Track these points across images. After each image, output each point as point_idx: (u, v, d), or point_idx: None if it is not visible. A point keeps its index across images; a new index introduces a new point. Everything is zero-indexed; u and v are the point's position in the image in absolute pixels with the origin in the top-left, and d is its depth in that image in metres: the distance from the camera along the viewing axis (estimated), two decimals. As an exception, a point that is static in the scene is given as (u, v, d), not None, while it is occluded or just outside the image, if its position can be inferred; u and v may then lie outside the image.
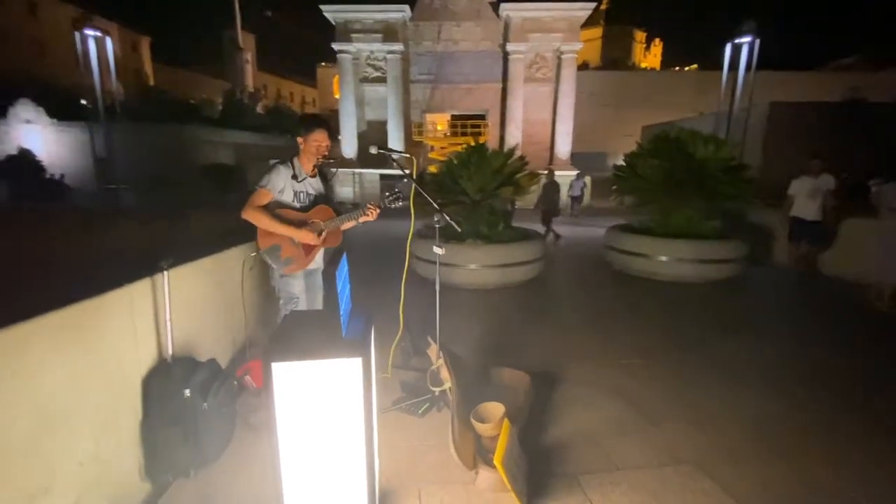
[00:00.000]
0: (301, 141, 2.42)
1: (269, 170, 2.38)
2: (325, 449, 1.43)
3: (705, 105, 29.13)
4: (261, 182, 2.36)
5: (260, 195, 2.34)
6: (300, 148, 2.44)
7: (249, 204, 2.33)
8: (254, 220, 2.33)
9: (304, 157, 2.45)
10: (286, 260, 2.42)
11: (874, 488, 1.95)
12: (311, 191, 2.50)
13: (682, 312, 4.66)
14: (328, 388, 1.39)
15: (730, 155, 5.97)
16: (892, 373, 3.13)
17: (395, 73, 20.72)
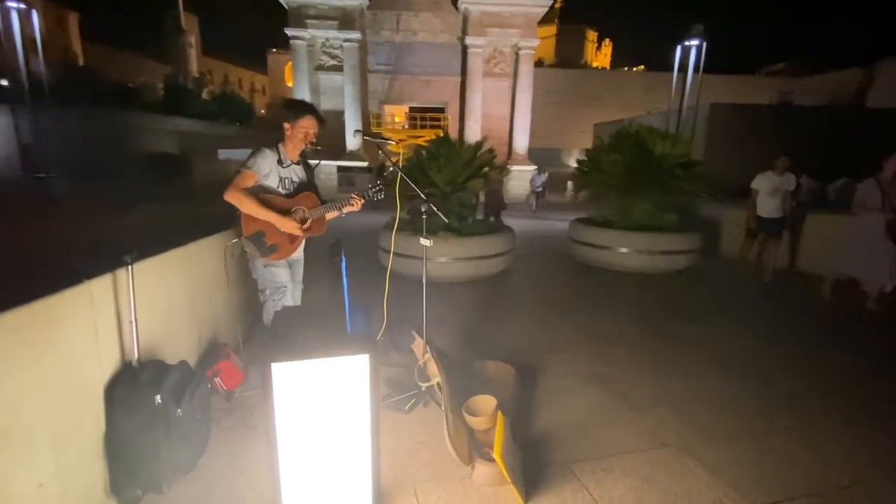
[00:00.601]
0: (288, 127, 2.31)
1: (255, 152, 2.27)
2: (329, 449, 1.35)
3: (652, 104, 30.61)
4: (246, 163, 2.24)
5: (245, 177, 2.23)
6: (286, 134, 2.34)
7: (234, 185, 2.20)
8: (238, 202, 2.21)
9: (291, 143, 2.35)
10: (271, 247, 2.31)
11: (836, 461, 2.10)
12: (296, 178, 2.41)
13: (647, 302, 4.85)
14: (334, 387, 1.30)
15: (685, 151, 6.26)
16: (846, 358, 3.40)
17: (352, 62, 20.18)
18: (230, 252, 2.52)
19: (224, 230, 3.25)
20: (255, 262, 2.40)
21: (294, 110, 2.32)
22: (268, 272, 2.39)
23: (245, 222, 2.27)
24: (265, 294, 2.44)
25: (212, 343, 2.94)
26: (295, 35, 19.74)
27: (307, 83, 20.23)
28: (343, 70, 20.16)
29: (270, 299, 2.42)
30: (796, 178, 5.76)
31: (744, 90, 29.79)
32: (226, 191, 2.21)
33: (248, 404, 2.54)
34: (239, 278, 3.67)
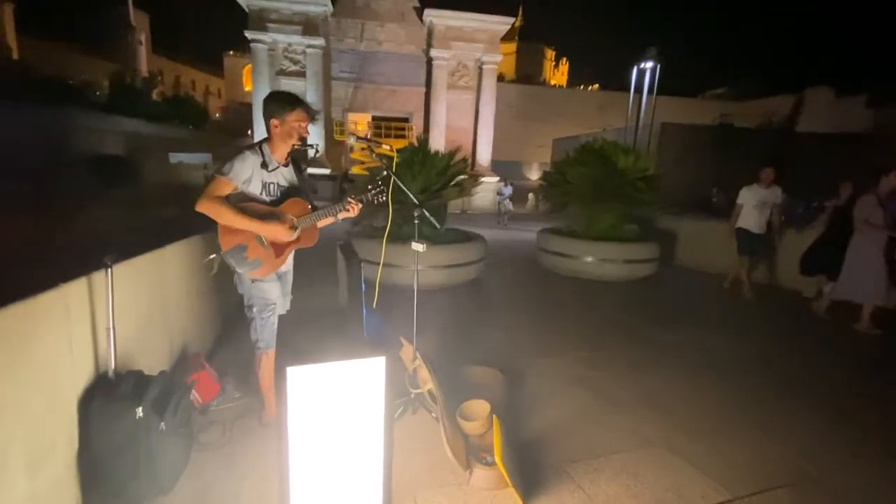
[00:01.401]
0: (277, 123, 2.03)
1: (236, 156, 1.99)
2: (340, 453, 1.30)
3: (607, 121, 32.07)
4: (222, 169, 1.96)
5: (219, 184, 1.95)
6: (272, 132, 2.07)
7: (206, 194, 1.93)
8: (212, 213, 1.93)
9: (278, 142, 2.08)
10: (253, 262, 2.05)
11: (806, 453, 2.26)
12: (284, 182, 2.15)
13: (616, 308, 5.04)
14: (349, 390, 1.26)
15: (646, 165, 6.60)
16: (816, 358, 3.67)
17: (316, 68, 19.90)
18: (211, 269, 2.23)
19: (190, 235, 3.11)
20: (242, 277, 2.13)
21: (282, 103, 2.04)
22: (256, 288, 2.13)
23: (223, 235, 2.00)
24: (252, 311, 2.17)
25: (183, 353, 2.77)
26: (255, 38, 19.25)
27: (268, 88, 19.68)
28: (306, 76, 19.82)
29: (259, 317, 2.15)
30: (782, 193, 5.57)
31: (688, 111, 31.76)
32: (198, 200, 1.92)
33: (225, 417, 2.41)
34: (208, 286, 3.50)
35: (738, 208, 5.57)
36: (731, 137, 22.02)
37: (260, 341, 2.18)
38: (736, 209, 5.61)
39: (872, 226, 4.27)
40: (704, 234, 7.92)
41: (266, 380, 2.23)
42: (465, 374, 2.79)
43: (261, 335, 2.17)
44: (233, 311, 4.28)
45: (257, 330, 2.17)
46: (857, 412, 2.71)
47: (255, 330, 2.17)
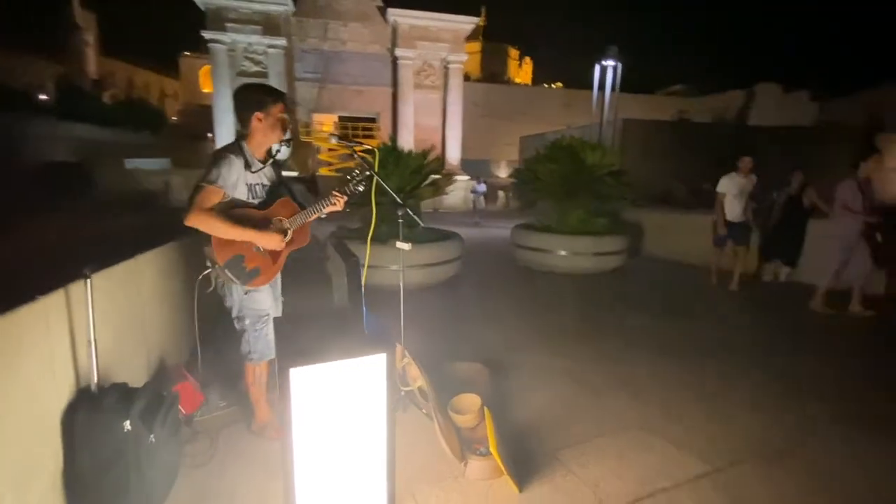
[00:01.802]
0: (260, 118, 1.92)
1: (218, 160, 1.87)
2: (343, 451, 1.32)
3: (571, 118, 32.80)
4: (209, 177, 1.83)
5: (208, 194, 1.82)
6: (254, 126, 1.94)
7: (197, 206, 1.80)
8: (205, 226, 1.82)
9: (260, 138, 1.97)
10: (252, 271, 1.96)
11: (778, 428, 2.42)
12: (266, 181, 2.07)
13: (589, 299, 5.21)
14: (350, 388, 1.28)
15: (613, 161, 6.82)
16: (777, 339, 3.91)
17: (278, 69, 19.47)
18: (201, 287, 2.12)
19: (157, 242, 3.02)
20: (231, 287, 2.04)
21: (265, 94, 1.94)
22: (248, 299, 2.05)
23: (217, 247, 1.88)
24: (244, 323, 2.07)
25: (161, 364, 2.69)
26: (213, 39, 18.64)
27: (229, 90, 19.09)
28: (268, 77, 19.33)
29: (251, 329, 2.07)
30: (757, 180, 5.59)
31: (648, 108, 32.89)
32: (187, 214, 1.80)
33: (211, 427, 2.36)
34: (183, 294, 3.41)
35: (721, 198, 5.47)
36: (688, 132, 22.97)
37: (253, 353, 2.12)
38: (718, 199, 5.51)
39: (851, 211, 4.28)
40: (669, 225, 8.28)
41: (258, 389, 2.20)
42: (450, 370, 2.84)
43: (254, 347, 2.11)
44: (210, 317, 4.18)
45: (250, 342, 2.10)
46: (814, 387, 2.92)
47: (248, 342, 2.10)
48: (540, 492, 1.89)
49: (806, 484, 1.95)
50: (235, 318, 2.11)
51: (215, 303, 2.29)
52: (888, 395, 2.83)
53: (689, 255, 7.40)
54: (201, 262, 2.14)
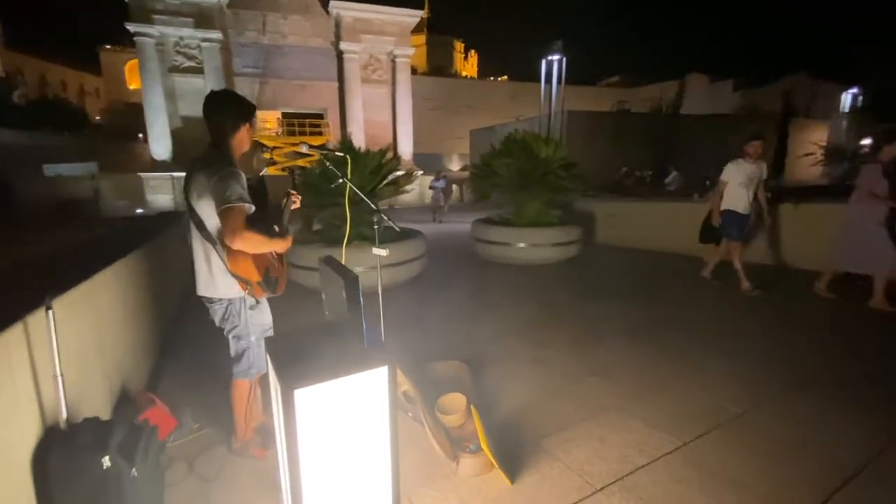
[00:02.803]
0: (246, 129, 1.92)
1: (229, 177, 1.74)
2: (348, 466, 1.32)
3: (518, 111, 33.47)
4: (232, 195, 1.71)
5: (241, 213, 1.72)
6: (238, 137, 1.91)
7: (237, 230, 1.69)
8: (251, 245, 1.75)
9: (241, 148, 1.94)
10: (275, 281, 1.98)
11: (728, 398, 2.65)
12: None
13: (551, 289, 5.41)
14: (353, 403, 1.28)
15: (565, 154, 7.07)
16: (729, 320, 4.23)
17: (214, 63, 18.46)
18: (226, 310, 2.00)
19: (123, 255, 2.84)
20: (238, 308, 1.99)
21: (247, 104, 1.92)
22: (256, 314, 2.02)
23: (257, 264, 1.84)
24: (248, 340, 2.03)
25: (124, 389, 2.53)
26: (140, 31, 17.35)
27: (160, 86, 17.92)
28: (204, 72, 18.29)
29: (255, 346, 2.03)
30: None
31: (589, 99, 34.20)
32: (230, 240, 1.70)
33: (187, 452, 2.26)
34: (141, 310, 3.22)
35: (722, 186, 4.88)
36: (628, 122, 24.14)
37: (252, 369, 2.08)
38: (719, 187, 4.92)
39: (877, 197, 4.06)
40: (620, 213, 8.72)
41: (244, 405, 2.13)
42: (430, 370, 2.87)
43: (255, 362, 2.07)
44: (167, 333, 3.96)
45: (251, 358, 2.05)
46: (768, 362, 3.22)
47: (249, 359, 2.05)
48: (530, 481, 1.98)
49: (765, 446, 2.16)
50: (237, 337, 2.05)
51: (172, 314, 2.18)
52: (834, 362, 3.17)
53: (640, 241, 7.85)
54: (158, 273, 2.04)
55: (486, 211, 7.66)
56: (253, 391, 2.13)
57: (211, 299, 2.00)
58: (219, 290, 1.94)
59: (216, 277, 1.93)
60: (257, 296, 1.95)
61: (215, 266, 1.92)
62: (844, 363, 3.11)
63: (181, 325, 4.37)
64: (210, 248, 1.90)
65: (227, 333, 2.05)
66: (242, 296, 1.97)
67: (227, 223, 1.71)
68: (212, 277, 1.94)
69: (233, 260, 1.83)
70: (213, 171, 1.78)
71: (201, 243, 1.92)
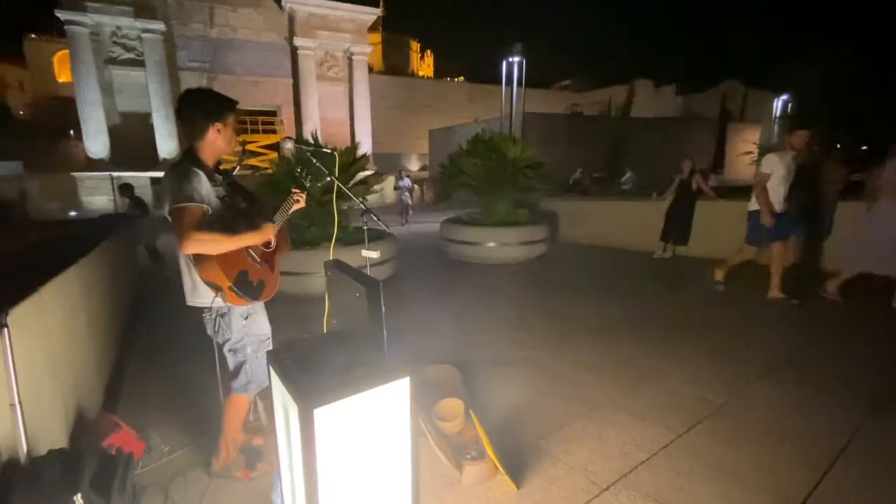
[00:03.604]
0: (218, 128, 1.74)
1: (184, 176, 1.63)
2: (366, 480, 1.22)
3: (476, 112, 33.78)
4: (183, 194, 1.59)
5: (192, 214, 1.59)
6: (210, 138, 1.74)
7: (186, 230, 1.55)
8: (206, 247, 1.60)
9: (215, 150, 1.77)
10: (259, 285, 1.77)
11: (716, 389, 2.75)
12: (224, 193, 1.84)
13: (524, 287, 5.45)
14: (373, 417, 1.18)
15: (533, 154, 7.15)
16: (700, 312, 4.40)
17: (157, 56, 17.29)
18: (214, 321, 1.82)
19: (70, 263, 2.55)
20: (230, 316, 1.82)
21: (221, 102, 1.75)
22: (250, 324, 1.85)
23: (223, 267, 1.64)
24: (245, 353, 1.86)
25: (81, 413, 2.27)
26: (71, 20, 15.95)
27: (95, 79, 16.57)
28: (145, 65, 17.10)
29: (253, 358, 1.87)
30: None
31: (543, 102, 35.05)
32: (181, 245, 1.56)
33: (159, 479, 2.05)
34: (92, 323, 2.92)
35: (764, 178, 4.22)
36: (581, 124, 24.94)
37: (252, 383, 1.90)
38: (761, 179, 4.25)
39: None
40: (581, 211, 8.96)
41: (238, 422, 1.95)
42: (422, 374, 2.78)
43: (254, 377, 1.89)
44: (120, 344, 3.62)
45: (249, 372, 1.88)
46: (743, 354, 3.37)
47: (247, 373, 1.88)
48: (536, 485, 1.94)
49: (752, 433, 2.24)
50: (232, 350, 1.87)
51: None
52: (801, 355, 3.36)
53: (602, 238, 8.10)
54: (109, 280, 1.83)
55: (448, 211, 7.63)
56: (245, 408, 1.96)
57: (200, 308, 1.84)
58: (203, 298, 1.78)
59: (198, 285, 1.77)
60: (231, 303, 1.76)
61: (195, 273, 1.75)
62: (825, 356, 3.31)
63: (134, 335, 4.02)
64: None
65: (222, 346, 1.88)
66: (229, 304, 1.79)
67: (175, 226, 1.59)
68: (194, 285, 1.78)
69: (199, 265, 1.68)
70: (170, 172, 1.69)
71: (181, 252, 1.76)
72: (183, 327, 3.88)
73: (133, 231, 6.40)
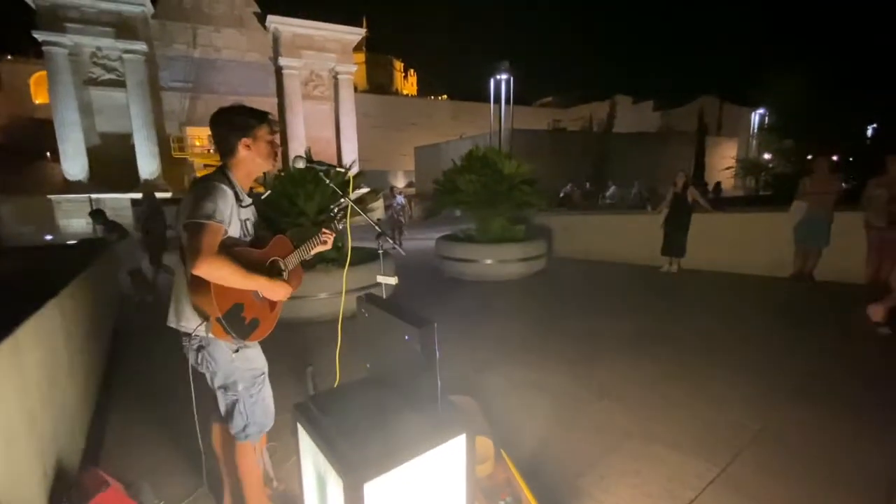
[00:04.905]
0: (248, 144, 1.58)
1: (211, 192, 1.47)
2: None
3: (460, 129, 34.11)
4: (202, 211, 1.42)
5: (212, 233, 1.42)
6: (241, 155, 1.59)
7: (206, 249, 1.37)
8: (219, 274, 1.40)
9: (248, 167, 1.62)
10: (251, 323, 1.56)
11: (747, 414, 2.62)
12: (253, 217, 1.69)
13: (527, 304, 5.30)
14: (424, 484, 1.00)
15: (529, 169, 7.09)
16: (713, 333, 4.30)
17: (139, 77, 17.05)
18: (197, 351, 1.60)
19: (50, 296, 2.31)
20: (215, 348, 1.59)
21: (248, 117, 1.59)
22: (240, 359, 1.62)
23: (218, 296, 1.45)
24: (235, 390, 1.63)
25: (61, 468, 2.02)
26: (50, 41, 15.66)
27: (74, 100, 16.21)
28: (126, 86, 16.81)
29: (246, 396, 1.64)
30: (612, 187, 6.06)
31: (525, 118, 35.65)
32: (195, 261, 1.36)
33: (154, 541, 1.81)
34: (73, 364, 2.67)
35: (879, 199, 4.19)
36: (564, 139, 25.34)
37: (250, 427, 1.66)
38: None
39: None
40: (575, 226, 8.91)
41: (255, 474, 1.73)
42: (437, 408, 2.58)
43: (252, 418, 1.65)
44: (99, 382, 3.34)
45: (244, 413, 1.64)
46: (769, 371, 3.26)
47: (242, 414, 1.64)
48: (580, 532, 1.76)
49: (798, 463, 2.11)
50: (221, 387, 1.65)
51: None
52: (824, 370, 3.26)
53: (598, 253, 8.04)
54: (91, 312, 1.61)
55: (438, 228, 7.47)
56: (256, 456, 1.72)
57: (182, 334, 1.63)
58: (188, 322, 1.56)
59: (185, 307, 1.57)
60: (216, 336, 1.54)
61: (185, 293, 1.55)
62: (828, 366, 3.22)
63: (118, 371, 3.74)
64: (181, 271, 1.58)
65: (212, 381, 1.67)
66: (196, 331, 1.56)
67: (189, 240, 1.40)
68: (181, 305, 1.58)
69: (194, 286, 1.47)
70: (194, 185, 1.55)
71: (179, 265, 1.61)
72: (171, 359, 3.63)
73: (113, 256, 6.09)
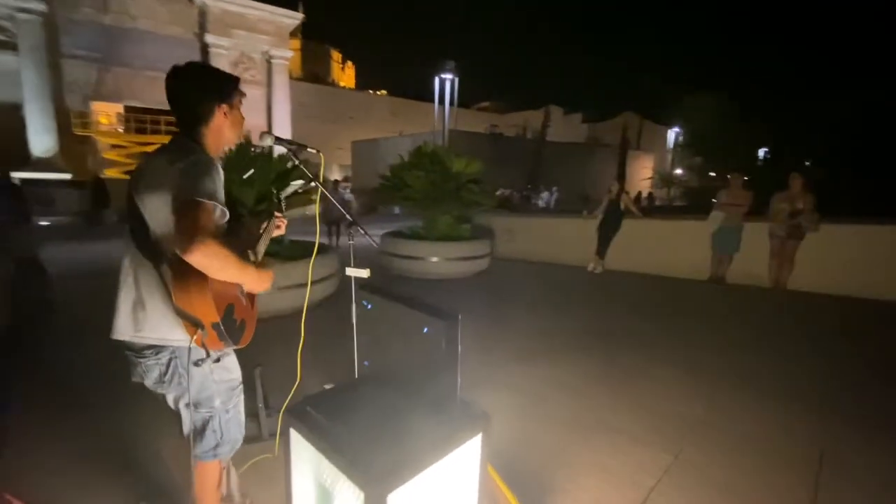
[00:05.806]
0: (225, 111, 1.34)
1: (200, 167, 1.21)
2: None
3: (399, 126, 33.82)
4: (202, 188, 1.17)
5: (210, 214, 1.18)
6: (217, 122, 1.34)
7: (206, 232, 1.11)
8: (217, 264, 1.13)
9: (219, 139, 1.37)
10: (241, 325, 1.32)
11: (689, 402, 2.80)
12: None
13: (474, 303, 5.33)
14: (441, 482, 0.92)
15: (478, 169, 7.14)
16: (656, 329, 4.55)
17: (34, 40, 14.88)
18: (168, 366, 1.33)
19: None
20: (189, 362, 1.28)
21: (225, 82, 1.36)
22: (220, 370, 1.38)
23: (217, 297, 1.20)
24: (212, 405, 1.39)
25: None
26: (-86, -14, 13.12)
27: (-52, 59, 13.74)
28: (18, 49, 14.59)
29: (222, 412, 1.41)
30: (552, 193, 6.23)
31: (464, 120, 36.19)
32: (188, 245, 1.07)
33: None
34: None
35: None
36: (501, 144, 26.06)
37: (223, 446, 1.41)
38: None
39: None
40: (517, 227, 9.16)
41: (215, 495, 1.48)
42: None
43: (225, 436, 1.41)
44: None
45: (218, 430, 1.39)
46: (709, 364, 3.51)
47: (216, 432, 1.39)
48: (556, 528, 1.76)
49: (738, 445, 2.29)
50: (195, 404, 1.37)
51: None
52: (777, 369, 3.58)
53: (534, 253, 8.32)
54: None
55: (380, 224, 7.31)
56: (217, 476, 1.50)
57: (140, 347, 1.30)
58: (164, 334, 1.27)
59: (151, 311, 1.27)
60: (211, 347, 1.26)
61: (154, 295, 1.26)
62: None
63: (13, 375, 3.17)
64: (147, 268, 1.26)
65: (173, 401, 1.41)
66: (191, 344, 1.25)
67: (186, 221, 1.12)
68: (144, 312, 1.27)
69: (182, 288, 1.17)
70: (177, 156, 1.23)
71: (134, 261, 1.28)
72: (78, 361, 3.17)
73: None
